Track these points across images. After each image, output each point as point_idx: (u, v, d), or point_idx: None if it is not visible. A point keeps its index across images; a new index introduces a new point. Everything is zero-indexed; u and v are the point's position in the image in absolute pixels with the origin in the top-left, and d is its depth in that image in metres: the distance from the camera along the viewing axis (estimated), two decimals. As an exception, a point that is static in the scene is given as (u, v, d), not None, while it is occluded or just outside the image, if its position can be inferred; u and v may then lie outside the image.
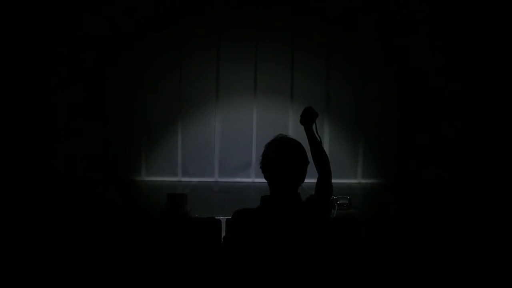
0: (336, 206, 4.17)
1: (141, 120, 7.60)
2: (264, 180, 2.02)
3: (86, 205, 4.93)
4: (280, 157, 1.96)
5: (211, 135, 7.66)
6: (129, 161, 7.54)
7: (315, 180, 2.12)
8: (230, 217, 2.04)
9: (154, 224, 3.58)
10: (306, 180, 2.05)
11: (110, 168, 7.31)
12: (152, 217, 3.91)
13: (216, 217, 2.80)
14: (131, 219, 3.75)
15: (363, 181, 7.62)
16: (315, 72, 7.71)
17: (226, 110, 7.70)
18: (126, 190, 6.75)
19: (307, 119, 2.16)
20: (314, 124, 2.16)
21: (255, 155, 7.41)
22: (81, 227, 3.53)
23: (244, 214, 1.97)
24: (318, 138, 2.14)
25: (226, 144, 7.65)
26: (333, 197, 2.75)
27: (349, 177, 7.44)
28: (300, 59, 7.69)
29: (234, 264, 1.94)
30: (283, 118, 7.56)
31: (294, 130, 7.05)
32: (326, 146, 2.90)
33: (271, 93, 7.69)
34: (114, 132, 7.44)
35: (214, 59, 7.67)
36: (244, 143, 7.60)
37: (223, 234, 2.26)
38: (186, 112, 7.68)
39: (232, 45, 7.65)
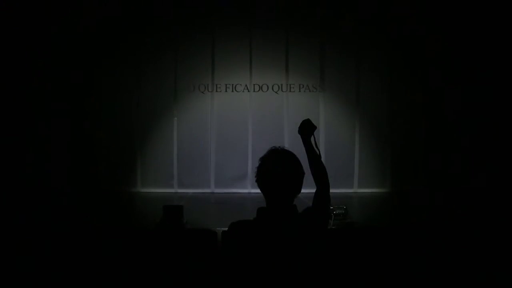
0: (333, 216, 4.16)
1: (135, 131, 7.56)
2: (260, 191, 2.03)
3: (80, 218, 4.89)
4: (274, 170, 1.96)
5: (206, 145, 7.62)
6: (124, 173, 7.50)
7: (311, 190, 2.11)
8: (226, 229, 2.04)
9: (150, 236, 3.56)
10: (302, 190, 2.05)
11: (105, 180, 7.28)
12: (148, 229, 3.90)
13: (212, 229, 2.79)
14: (127, 232, 3.73)
15: (360, 190, 7.59)
16: (310, 73, 7.68)
17: (221, 119, 7.66)
18: (121, 202, 6.71)
19: (305, 131, 2.17)
20: (312, 137, 2.16)
21: (251, 165, 7.38)
22: (77, 240, 3.50)
23: (240, 226, 1.97)
24: (318, 152, 2.14)
25: (221, 154, 7.61)
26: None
27: (345, 186, 7.42)
28: (294, 59, 7.66)
29: (231, 276, 1.93)
30: (278, 126, 7.53)
31: (289, 138, 7.05)
32: (321, 149, 2.84)
33: (267, 104, 7.68)
34: (108, 143, 7.42)
35: (208, 64, 7.62)
36: (240, 153, 7.57)
37: (219, 245, 2.25)
38: (181, 122, 7.65)
39: (227, 50, 7.63)
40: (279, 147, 2.05)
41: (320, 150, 2.18)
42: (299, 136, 2.21)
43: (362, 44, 7.64)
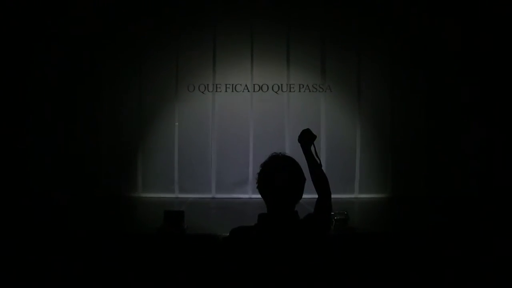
0: (334, 222, 4.15)
1: (135, 134, 7.56)
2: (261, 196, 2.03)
3: (81, 222, 4.89)
4: (275, 176, 1.96)
5: (207, 149, 7.61)
6: (125, 178, 7.49)
7: (312, 196, 2.11)
8: (227, 234, 2.04)
9: (151, 241, 3.56)
10: (303, 196, 2.04)
11: (106, 185, 7.27)
12: (149, 234, 3.89)
13: (213, 234, 2.79)
14: (128, 237, 3.73)
15: (361, 196, 7.57)
16: (311, 72, 7.65)
17: (222, 122, 7.65)
18: (122, 207, 6.71)
19: (305, 140, 2.17)
20: (313, 146, 2.16)
21: (252, 170, 7.36)
22: (78, 244, 3.51)
23: (241, 232, 1.97)
24: (318, 161, 2.14)
25: (222, 159, 7.59)
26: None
27: (346, 192, 7.39)
28: (296, 56, 7.63)
29: (232, 282, 1.93)
30: (279, 129, 7.49)
31: (290, 141, 7.03)
32: (322, 154, 2.84)
33: (267, 106, 7.67)
34: (108, 148, 7.41)
35: (209, 64, 7.62)
36: (241, 158, 7.56)
37: (220, 251, 2.24)
38: (182, 125, 7.64)
39: (227, 49, 7.62)
40: (280, 153, 2.05)
41: (321, 155, 2.19)
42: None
43: (363, 43, 7.62)
